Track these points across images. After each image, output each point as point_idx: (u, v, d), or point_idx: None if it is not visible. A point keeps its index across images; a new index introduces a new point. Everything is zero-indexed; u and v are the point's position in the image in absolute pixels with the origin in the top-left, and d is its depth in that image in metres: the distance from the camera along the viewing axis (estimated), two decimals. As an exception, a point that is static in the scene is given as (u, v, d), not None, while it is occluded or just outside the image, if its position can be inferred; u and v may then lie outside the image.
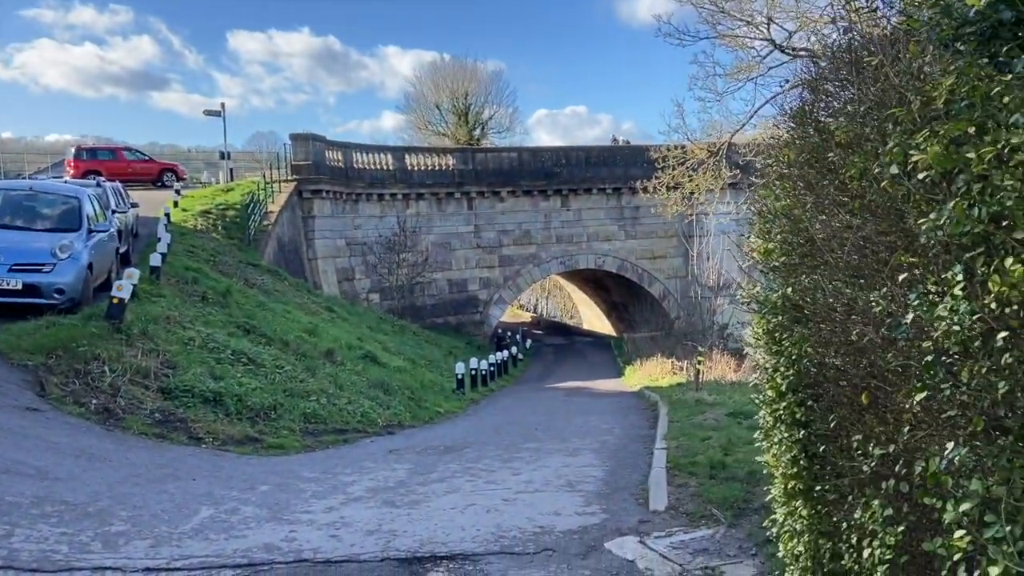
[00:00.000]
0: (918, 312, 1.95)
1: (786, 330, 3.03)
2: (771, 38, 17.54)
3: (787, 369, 3.03)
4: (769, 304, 3.09)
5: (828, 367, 2.70)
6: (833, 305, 2.54)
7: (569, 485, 7.53)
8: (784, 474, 3.17)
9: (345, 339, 18.90)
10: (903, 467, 2.16)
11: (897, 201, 2.17)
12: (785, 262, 3.00)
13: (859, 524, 2.46)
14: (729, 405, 12.70)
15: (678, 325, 37.81)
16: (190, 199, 27.07)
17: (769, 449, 3.29)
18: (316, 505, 6.65)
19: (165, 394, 10.29)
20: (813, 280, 2.71)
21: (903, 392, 2.15)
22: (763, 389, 3.32)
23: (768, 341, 3.19)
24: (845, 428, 2.63)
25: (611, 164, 39.63)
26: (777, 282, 3.08)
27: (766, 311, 3.13)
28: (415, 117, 62.18)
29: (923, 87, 2.05)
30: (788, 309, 2.96)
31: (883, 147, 2.16)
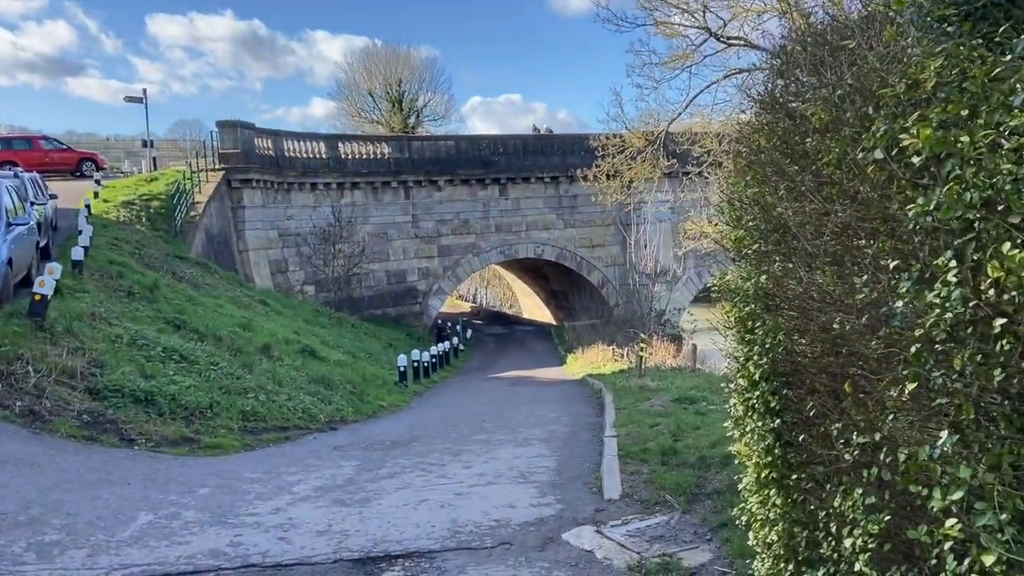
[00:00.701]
0: (907, 299, 1.92)
1: (758, 318, 3.00)
2: (707, 26, 17.79)
3: (760, 358, 3.01)
4: (741, 292, 3.06)
5: (803, 355, 2.69)
6: (809, 292, 2.52)
7: (522, 476, 7.47)
8: (757, 463, 3.16)
9: (281, 333, 18.44)
10: (887, 455, 2.15)
11: (880, 186, 2.14)
12: (757, 250, 2.97)
13: (839, 513, 2.46)
14: (673, 391, 12.87)
15: (617, 312, 38.28)
16: (111, 190, 25.92)
17: (741, 438, 3.28)
18: (261, 507, 6.42)
19: (93, 394, 9.80)
20: (787, 268, 2.68)
21: (887, 380, 2.13)
22: (733, 378, 3.30)
23: (740, 330, 3.16)
24: (822, 416, 2.62)
25: (549, 152, 39.70)
26: (749, 270, 3.05)
27: (737, 299, 3.10)
28: (347, 104, 61.15)
29: (907, 70, 2.02)
30: (761, 297, 2.93)
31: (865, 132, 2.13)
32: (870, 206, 2.24)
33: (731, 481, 6.09)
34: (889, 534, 2.23)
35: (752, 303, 3.02)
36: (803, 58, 2.73)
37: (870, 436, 2.24)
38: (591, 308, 41.63)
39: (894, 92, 2.02)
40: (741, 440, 3.28)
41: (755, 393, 3.09)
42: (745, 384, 3.18)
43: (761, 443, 3.09)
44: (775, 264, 2.81)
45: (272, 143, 32.64)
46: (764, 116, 3.00)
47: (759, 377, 3.04)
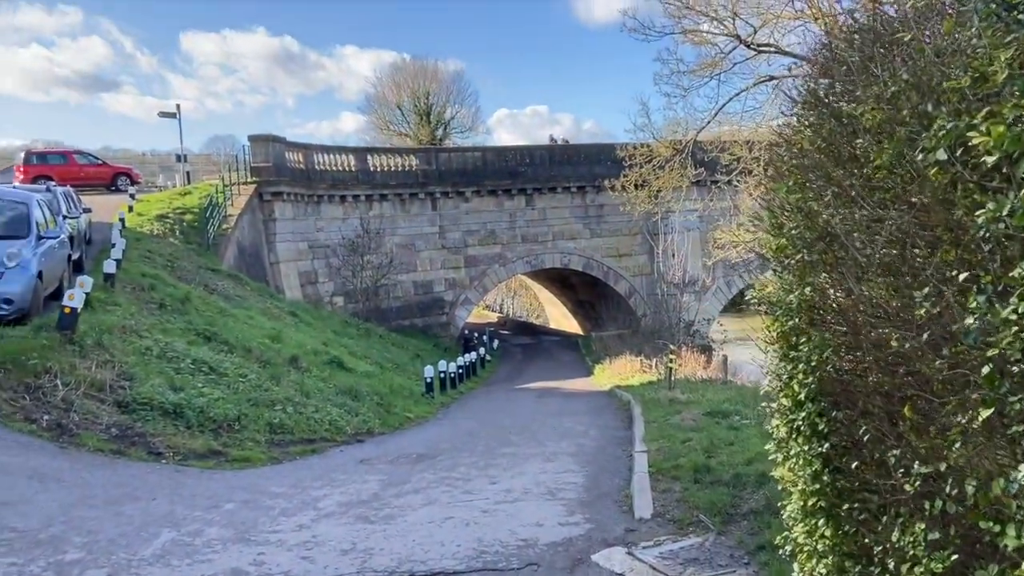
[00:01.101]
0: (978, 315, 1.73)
1: (803, 333, 2.80)
2: (736, 34, 17.53)
3: (805, 376, 2.81)
4: (783, 305, 2.87)
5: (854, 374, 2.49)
6: (858, 306, 2.33)
7: (550, 493, 7.28)
8: (803, 490, 2.95)
9: (310, 344, 18.45)
10: (953, 487, 1.95)
11: (942, 190, 1.95)
12: (800, 260, 2.78)
13: (898, 548, 2.25)
14: (704, 404, 12.58)
15: (645, 323, 37.89)
16: (146, 203, 26.28)
17: (784, 462, 3.07)
18: (285, 523, 6.31)
19: (122, 407, 9.80)
20: (834, 279, 2.50)
21: (952, 404, 1.94)
22: (775, 397, 3.10)
23: (782, 345, 2.96)
24: (877, 442, 2.42)
25: (575, 162, 39.54)
26: (792, 281, 2.86)
27: (779, 313, 2.91)
28: (376, 118, 61.67)
29: (971, 62, 1.84)
30: (805, 310, 2.74)
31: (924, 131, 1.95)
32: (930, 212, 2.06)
33: (768, 501, 5.85)
34: (954, 573, 2.03)
35: (795, 317, 2.82)
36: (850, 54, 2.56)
37: (933, 466, 2.04)
38: (618, 318, 41.26)
39: (958, 87, 1.84)
40: (784, 464, 3.06)
41: (800, 414, 2.88)
42: (789, 404, 2.98)
43: (807, 468, 2.88)
44: (821, 275, 2.62)
45: (303, 156, 32.91)
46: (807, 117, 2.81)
47: (804, 397, 2.84)
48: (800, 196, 2.74)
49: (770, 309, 2.99)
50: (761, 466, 6.82)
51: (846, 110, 2.44)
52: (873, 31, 2.50)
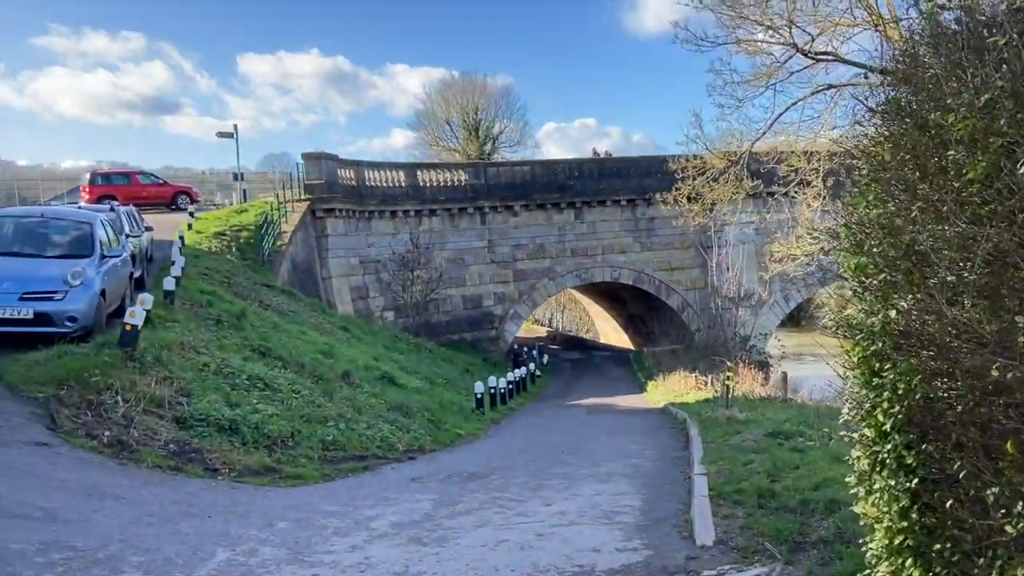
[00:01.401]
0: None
1: (888, 359, 2.62)
2: (793, 42, 17.15)
3: (891, 405, 2.62)
4: (865, 328, 2.69)
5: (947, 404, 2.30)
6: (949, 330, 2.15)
7: (606, 516, 7.09)
8: (889, 527, 2.74)
9: (361, 360, 18.57)
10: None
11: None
12: (884, 280, 2.59)
13: (1000, 596, 2.06)
14: (765, 424, 12.20)
15: (699, 338, 37.23)
16: (204, 221, 26.93)
17: (867, 497, 2.86)
18: (339, 543, 6.26)
19: (180, 423, 9.94)
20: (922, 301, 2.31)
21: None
22: (856, 426, 2.90)
23: (864, 371, 2.77)
24: (973, 477, 2.22)
25: (625, 175, 39.22)
26: (874, 303, 2.68)
27: (860, 337, 2.72)
28: (425, 133, 62.35)
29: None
30: (890, 335, 2.56)
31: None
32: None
33: (839, 529, 5.58)
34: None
35: (879, 341, 2.64)
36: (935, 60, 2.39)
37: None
38: (671, 333, 40.63)
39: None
40: (867, 499, 2.86)
41: (885, 446, 2.69)
42: (872, 435, 2.78)
43: (894, 505, 2.68)
44: (907, 297, 2.44)
45: (354, 173, 33.40)
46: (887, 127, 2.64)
47: (891, 428, 2.65)
48: (882, 212, 2.56)
49: (850, 332, 2.80)
50: (830, 492, 6.53)
51: (933, 120, 2.27)
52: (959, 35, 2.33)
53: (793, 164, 19.45)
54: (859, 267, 2.73)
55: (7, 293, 10.74)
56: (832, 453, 8.53)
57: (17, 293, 10.77)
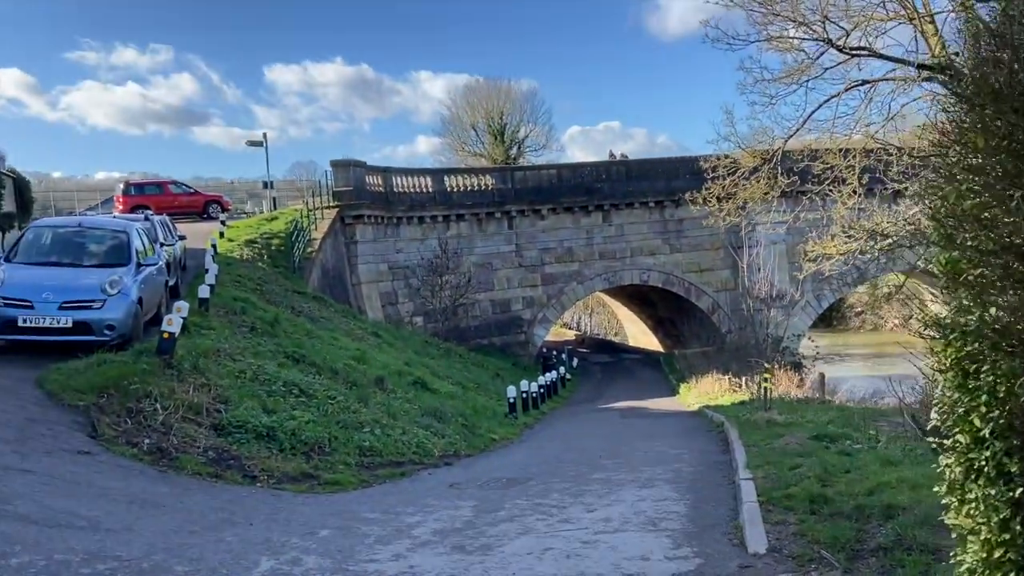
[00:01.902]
0: None
1: (986, 360, 2.45)
2: (827, 37, 16.85)
3: (990, 409, 2.45)
4: (959, 328, 2.52)
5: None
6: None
7: (651, 523, 6.93)
8: (988, 539, 2.57)
9: (394, 365, 18.55)
10: None
11: None
12: (981, 275, 2.43)
13: None
14: (807, 427, 11.92)
15: (730, 339, 36.78)
16: (235, 229, 27.19)
17: (961, 507, 2.69)
18: (382, 552, 6.16)
19: (218, 430, 9.96)
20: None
21: None
22: (947, 432, 2.73)
23: (958, 374, 2.60)
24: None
25: (652, 177, 38.93)
26: (970, 301, 2.51)
27: (953, 337, 2.55)
28: (451, 139, 62.47)
29: None
30: (989, 335, 2.39)
31: None
32: None
33: (899, 536, 5.36)
34: None
35: (976, 341, 2.47)
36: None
37: None
38: (701, 335, 40.24)
39: None
40: (961, 510, 2.68)
41: (984, 453, 2.52)
42: (967, 441, 2.60)
43: (993, 515, 2.50)
44: (1007, 293, 2.28)
45: (382, 179, 33.53)
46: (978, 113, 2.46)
47: (989, 434, 2.48)
48: (976, 203, 2.40)
49: (940, 332, 2.62)
50: (885, 497, 6.31)
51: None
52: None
53: (828, 161, 19.11)
54: (951, 263, 2.56)
55: (47, 303, 10.86)
56: (882, 456, 8.29)
57: (56, 302, 10.89)
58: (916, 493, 6.22)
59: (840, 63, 17.81)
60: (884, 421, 12.79)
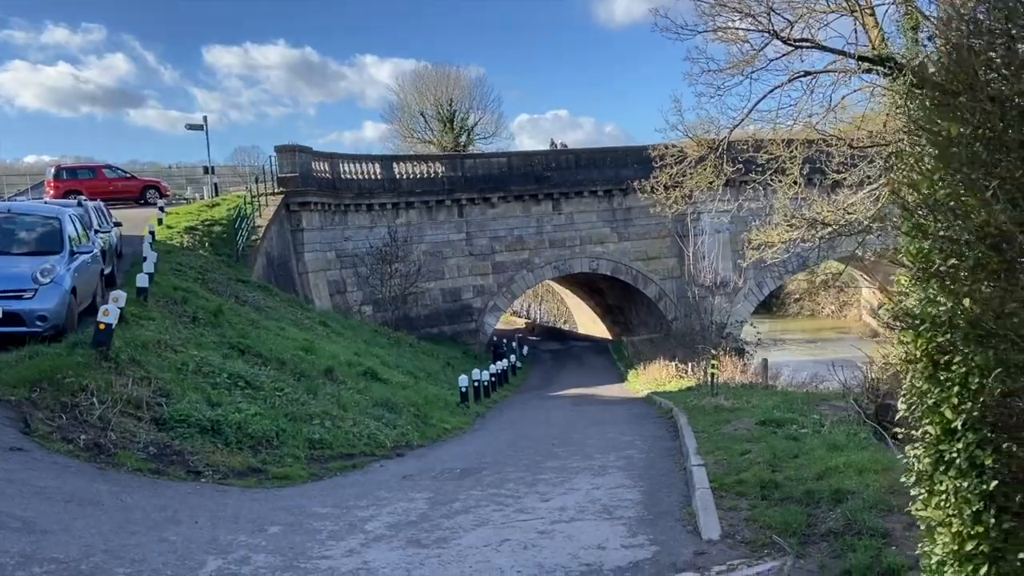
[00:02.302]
0: None
1: (958, 352, 2.45)
2: (772, 28, 17.12)
3: (961, 401, 2.45)
4: (930, 319, 2.51)
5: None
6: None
7: (606, 511, 6.94)
8: (959, 532, 2.58)
9: (343, 355, 18.26)
10: None
11: None
12: (954, 266, 2.42)
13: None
14: (753, 412, 12.14)
15: (676, 326, 37.39)
16: (175, 216, 26.36)
17: (930, 498, 2.69)
18: (334, 548, 6.03)
19: (159, 425, 9.61)
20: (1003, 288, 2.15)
21: None
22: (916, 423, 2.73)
23: (927, 365, 2.60)
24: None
25: (601, 166, 39.18)
26: (940, 291, 2.50)
27: (924, 328, 2.55)
28: (399, 126, 61.73)
29: None
30: (961, 326, 2.39)
31: None
32: None
33: (848, 520, 5.46)
34: None
35: (948, 332, 2.47)
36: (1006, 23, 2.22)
37: None
38: (648, 322, 40.80)
39: None
40: (930, 502, 2.68)
41: (955, 445, 2.52)
42: (937, 433, 2.61)
43: (965, 508, 2.51)
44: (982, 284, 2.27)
45: (328, 166, 32.91)
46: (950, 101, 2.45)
47: (961, 425, 2.48)
48: (950, 191, 2.39)
49: (910, 323, 2.61)
50: (834, 481, 6.44)
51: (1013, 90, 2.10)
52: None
53: (772, 151, 19.49)
54: (921, 253, 2.55)
55: (-27, 293, 10.31)
56: (828, 441, 8.47)
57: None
58: (863, 478, 6.37)
59: (784, 55, 18.15)
60: (826, 405, 13.10)
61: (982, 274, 2.31)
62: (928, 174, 2.42)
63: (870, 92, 19.76)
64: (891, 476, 6.17)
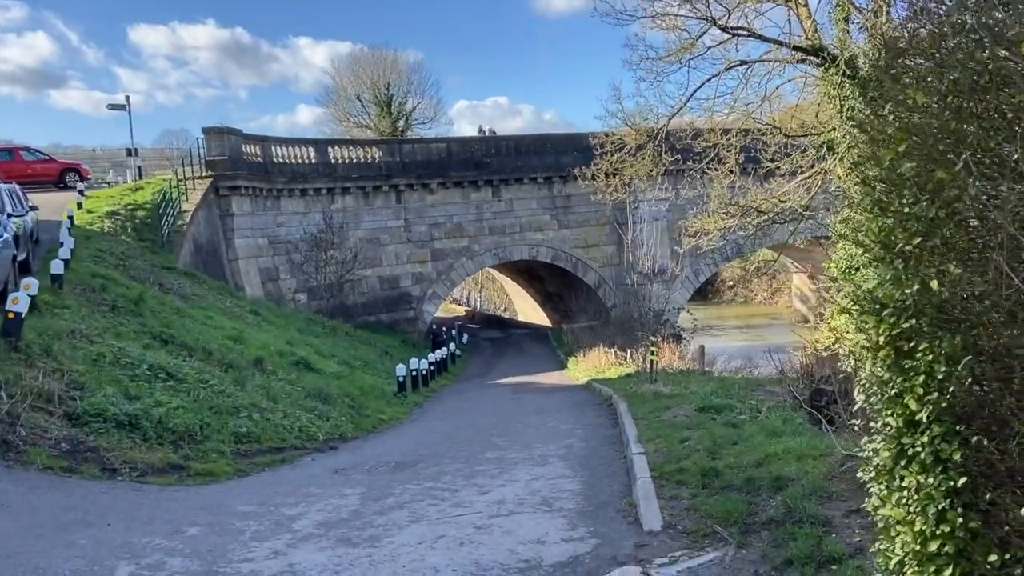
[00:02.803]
0: None
1: (924, 338, 2.28)
2: (710, 16, 17.18)
3: (927, 391, 2.29)
4: (893, 302, 2.33)
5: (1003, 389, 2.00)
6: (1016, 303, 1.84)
7: (546, 503, 6.75)
8: (921, 531, 2.43)
9: (275, 345, 17.67)
10: None
11: None
12: (921, 245, 2.25)
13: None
14: (691, 398, 12.15)
15: (615, 313, 37.63)
16: (95, 200, 25.11)
17: (889, 495, 2.53)
18: (258, 549, 5.68)
19: (72, 420, 9.03)
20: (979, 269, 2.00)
21: None
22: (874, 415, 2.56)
23: (889, 352, 2.43)
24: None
25: (541, 153, 39.04)
26: (905, 273, 2.33)
27: (887, 312, 2.37)
28: (335, 109, 60.33)
29: None
30: (928, 311, 2.22)
31: None
32: None
33: (789, 508, 5.40)
34: None
35: (914, 318, 2.30)
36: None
37: None
38: (588, 309, 40.94)
39: None
40: (890, 498, 2.52)
41: (920, 438, 2.36)
42: (899, 425, 2.45)
43: (929, 505, 2.37)
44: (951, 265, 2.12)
45: (260, 149, 31.84)
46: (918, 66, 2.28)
47: (926, 417, 2.32)
48: (915, 165, 2.21)
49: (871, 308, 2.44)
50: (773, 469, 6.39)
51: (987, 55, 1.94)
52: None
53: (709, 140, 19.65)
54: (884, 231, 2.37)
55: None
56: (766, 427, 8.47)
57: None
58: (802, 464, 6.33)
59: (721, 43, 18.26)
60: (762, 391, 13.24)
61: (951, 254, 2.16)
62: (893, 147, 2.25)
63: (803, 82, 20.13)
64: (828, 462, 6.16)
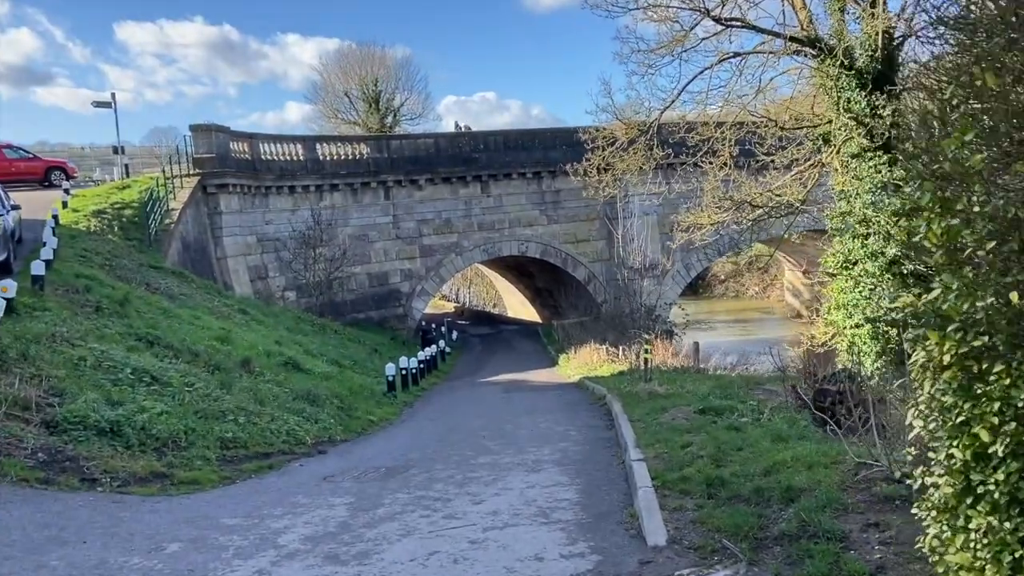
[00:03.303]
0: None
1: (1000, 358, 1.99)
2: (703, 7, 16.92)
3: (1003, 421, 2.00)
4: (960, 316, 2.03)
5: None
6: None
7: (543, 514, 6.48)
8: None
9: (263, 345, 17.33)
10: None
11: None
12: (995, 250, 1.94)
13: None
14: (689, 398, 11.90)
15: (605, 309, 37.38)
16: (81, 199, 24.66)
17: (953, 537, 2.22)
18: (241, 568, 5.39)
19: (51, 428, 8.69)
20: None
21: None
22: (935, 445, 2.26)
23: (957, 372, 2.11)
24: None
25: (530, 148, 38.74)
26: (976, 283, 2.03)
27: (954, 328, 2.07)
28: (323, 106, 59.85)
29: None
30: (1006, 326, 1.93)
31: None
32: None
33: (802, 522, 5.14)
34: None
35: (987, 335, 2.01)
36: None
37: None
38: (578, 305, 40.67)
39: None
40: (954, 540, 2.22)
41: (992, 475, 2.07)
42: (966, 457, 2.14)
43: (1003, 553, 2.08)
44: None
45: (248, 146, 31.40)
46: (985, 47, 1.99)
47: (1001, 450, 2.03)
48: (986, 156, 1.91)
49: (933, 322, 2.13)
50: (783, 478, 6.14)
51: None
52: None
53: (703, 133, 19.41)
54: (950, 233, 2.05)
55: None
56: (771, 431, 8.22)
57: None
58: (813, 473, 6.08)
59: (714, 34, 18.03)
60: (760, 390, 13.02)
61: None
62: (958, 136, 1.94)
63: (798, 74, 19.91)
64: (841, 471, 5.91)
